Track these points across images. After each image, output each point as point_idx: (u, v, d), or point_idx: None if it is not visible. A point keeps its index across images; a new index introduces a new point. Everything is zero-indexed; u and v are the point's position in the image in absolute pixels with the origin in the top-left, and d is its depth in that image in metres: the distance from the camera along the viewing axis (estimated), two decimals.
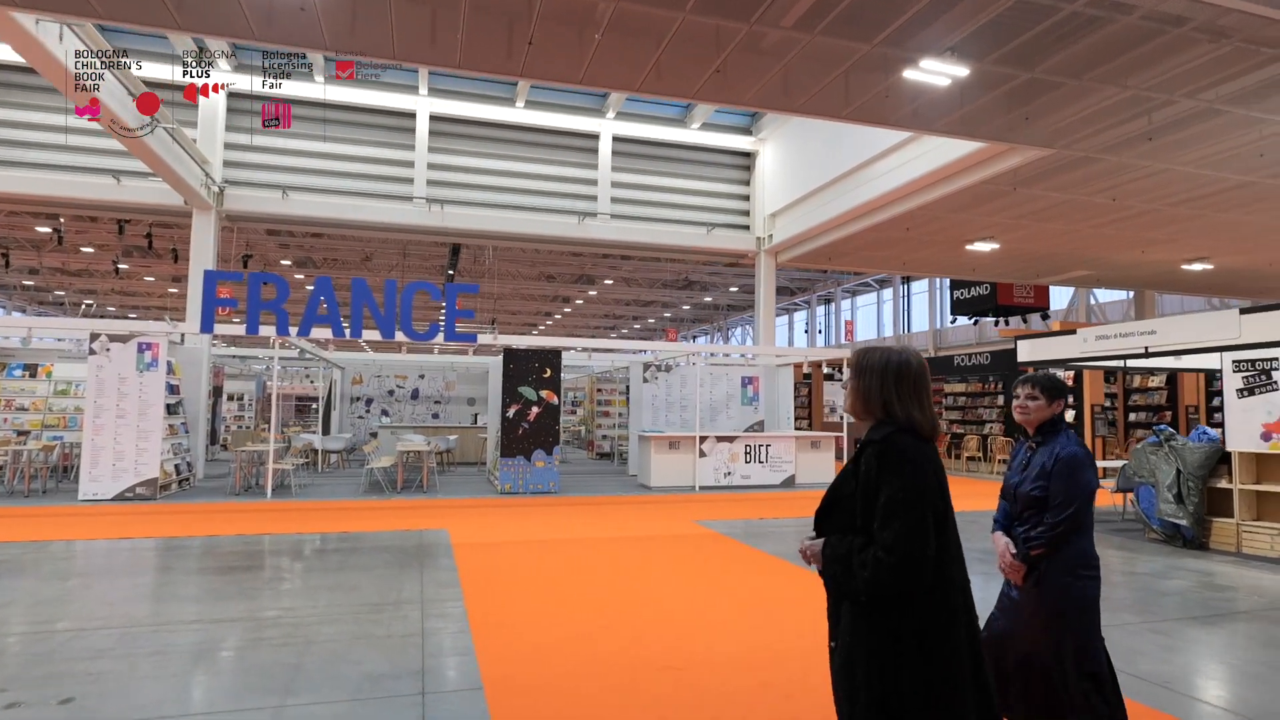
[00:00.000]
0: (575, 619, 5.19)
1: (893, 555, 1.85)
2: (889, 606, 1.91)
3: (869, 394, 2.10)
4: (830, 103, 9.27)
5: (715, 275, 40.39)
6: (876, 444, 2.00)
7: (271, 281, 12.08)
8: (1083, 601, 2.85)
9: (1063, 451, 2.91)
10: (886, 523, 1.89)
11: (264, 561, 7.00)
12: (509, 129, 16.87)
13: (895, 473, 1.93)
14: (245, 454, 12.31)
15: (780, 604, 5.72)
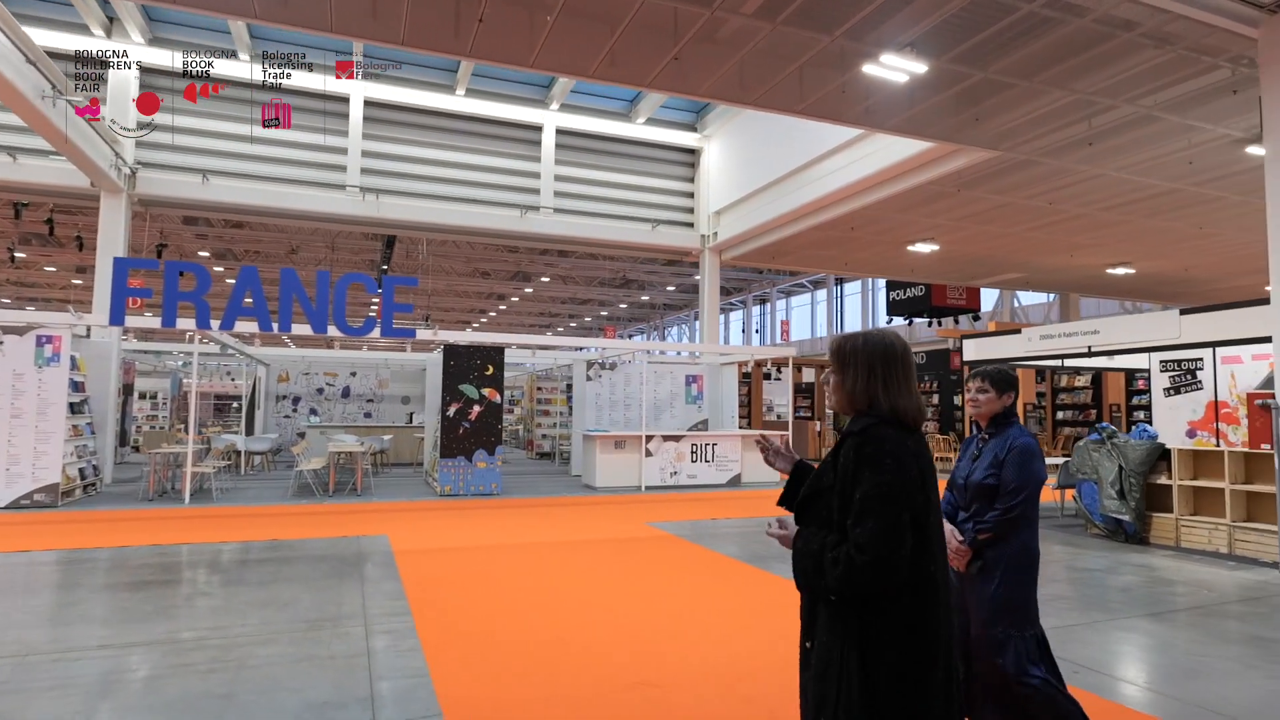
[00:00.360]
0: (535, 632, 4.85)
1: (865, 554, 1.77)
2: (867, 605, 1.83)
3: (854, 388, 1.98)
4: (786, 97, 9.14)
5: (653, 274, 40.30)
6: (856, 436, 1.90)
7: (190, 271, 11.26)
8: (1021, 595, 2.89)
9: (1016, 442, 2.96)
10: (860, 520, 1.80)
11: (183, 575, 6.40)
12: (448, 117, 16.27)
13: (873, 467, 1.83)
14: (160, 456, 11.44)
15: (748, 611, 5.50)
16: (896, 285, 25.41)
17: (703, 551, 7.71)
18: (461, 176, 16.38)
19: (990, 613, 2.87)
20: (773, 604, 5.66)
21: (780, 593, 6.00)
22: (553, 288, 42.34)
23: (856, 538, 1.79)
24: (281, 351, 19.68)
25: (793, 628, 2.06)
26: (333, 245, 29.37)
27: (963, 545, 2.95)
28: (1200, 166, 10.93)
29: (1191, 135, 9.99)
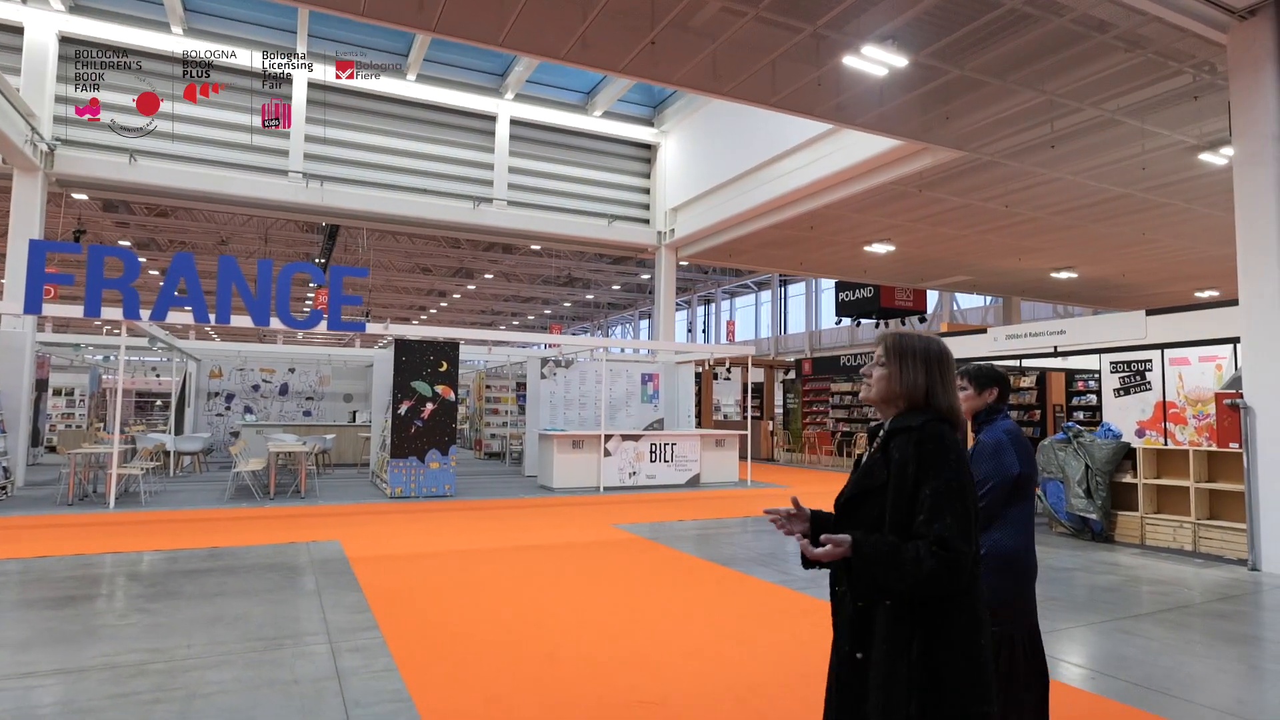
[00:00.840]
0: (519, 646, 4.47)
1: (949, 550, 1.72)
2: (929, 607, 1.78)
3: (912, 380, 1.94)
4: (759, 89, 8.95)
5: (598, 273, 39.97)
6: (914, 431, 1.84)
7: (117, 256, 10.42)
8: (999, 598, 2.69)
9: (985, 436, 2.87)
10: (936, 515, 1.75)
11: (114, 588, 5.78)
12: (399, 103, 15.60)
13: (939, 463, 1.79)
14: (81, 457, 10.55)
15: (736, 617, 5.23)
16: (846, 286, 25.66)
17: (675, 554, 7.43)
18: (411, 165, 15.73)
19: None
20: (768, 612, 5.41)
21: (762, 596, 5.76)
22: (496, 285, 41.57)
23: (937, 534, 1.73)
24: (215, 345, 18.60)
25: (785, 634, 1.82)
26: (266, 237, 28.13)
27: None
28: (1152, 172, 11.20)
29: (1147, 141, 10.20)
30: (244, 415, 18.32)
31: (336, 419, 19.16)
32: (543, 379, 15.56)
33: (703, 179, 16.66)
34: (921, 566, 1.71)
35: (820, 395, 24.02)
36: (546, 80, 16.67)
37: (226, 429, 18.26)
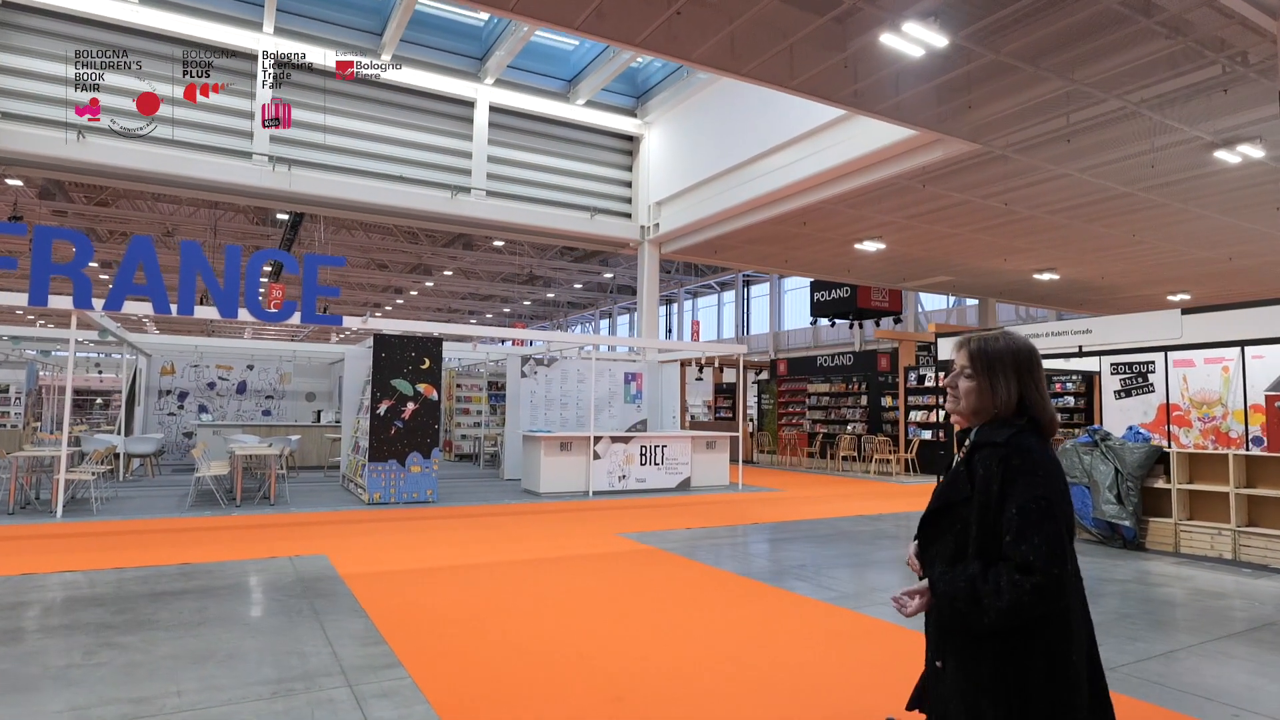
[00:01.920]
0: (574, 687, 3.84)
1: (1033, 575, 1.62)
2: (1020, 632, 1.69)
3: (1005, 393, 1.81)
4: (778, 71, 8.44)
5: (560, 270, 39.19)
6: (1000, 447, 1.74)
7: (67, 239, 9.42)
8: None
9: None
10: (1022, 537, 1.65)
11: (74, 616, 4.96)
12: (372, 85, 14.71)
13: (1027, 480, 1.69)
14: (22, 461, 9.51)
15: (803, 641, 4.67)
16: (822, 286, 25.43)
17: (701, 568, 6.85)
18: (385, 151, 14.86)
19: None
20: (812, 629, 4.87)
21: (811, 615, 5.22)
22: (454, 282, 40.49)
23: (1021, 556, 1.64)
24: (167, 340, 17.42)
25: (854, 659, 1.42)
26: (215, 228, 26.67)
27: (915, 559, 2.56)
28: (1160, 170, 11.03)
29: (1163, 136, 9.99)
30: (199, 415, 17.18)
31: (299, 419, 18.12)
32: (523, 378, 14.85)
33: (689, 173, 16.13)
34: (1001, 599, 1.64)
35: (796, 396, 23.73)
36: (528, 66, 15.96)
37: (179, 429, 17.11)
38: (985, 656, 1.72)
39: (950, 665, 1.79)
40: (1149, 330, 8.40)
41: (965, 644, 1.75)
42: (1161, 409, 11.54)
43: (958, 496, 1.80)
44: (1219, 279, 19.11)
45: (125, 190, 22.21)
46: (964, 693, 1.75)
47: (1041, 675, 1.68)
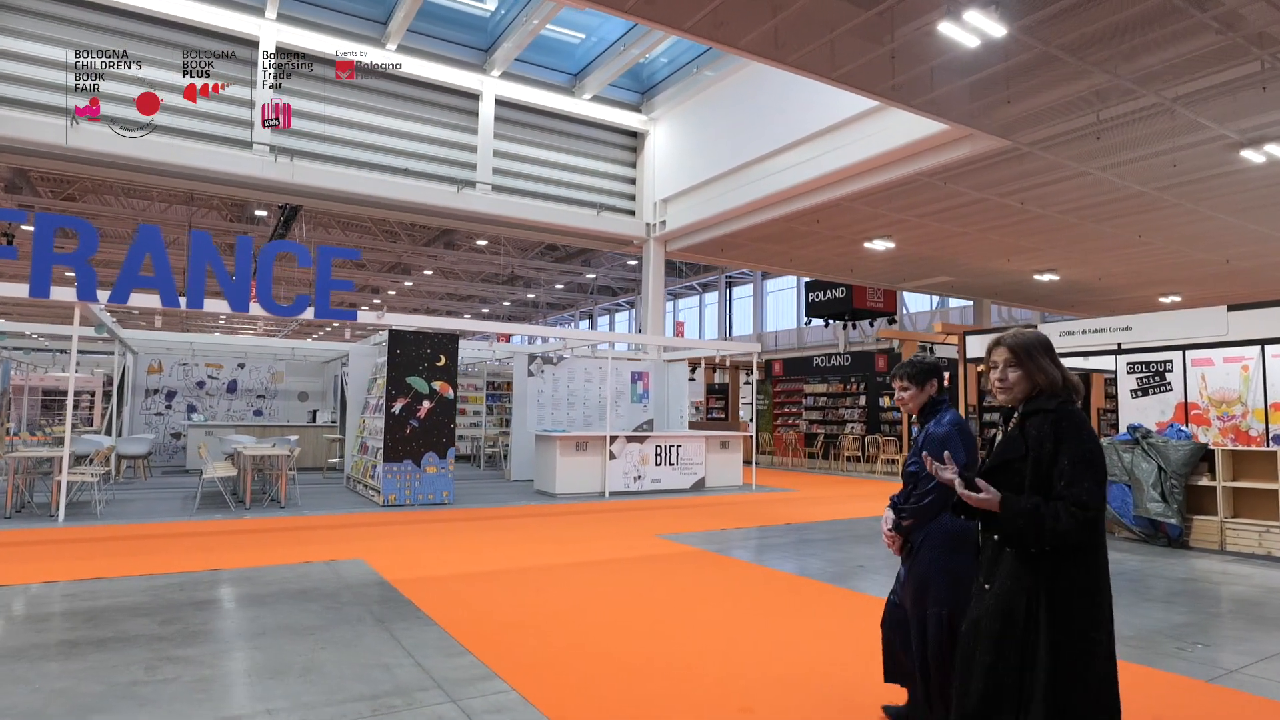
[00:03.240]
0: (691, 697, 3.59)
1: (1086, 510, 2.05)
2: (1061, 555, 2.10)
3: (1045, 370, 2.23)
4: (821, 61, 8.26)
5: (541, 271, 38.82)
6: (1051, 413, 2.17)
7: (71, 227, 8.94)
8: (951, 575, 2.89)
9: (933, 428, 3.02)
10: (1075, 481, 2.07)
11: (121, 628, 4.59)
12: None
13: (1075, 438, 2.12)
14: (20, 461, 9.00)
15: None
16: (817, 287, 25.38)
17: (765, 571, 6.63)
18: (390, 144, 14.46)
19: (918, 590, 2.99)
20: None
21: None
22: (432, 282, 39.92)
23: (1075, 496, 2.05)
24: (157, 336, 16.83)
25: None
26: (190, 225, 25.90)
27: (891, 533, 3.10)
28: (1181, 169, 11.06)
29: (1191, 135, 10.01)
30: (189, 415, 16.58)
31: (291, 419, 17.58)
32: (530, 377, 14.54)
33: (696, 170, 15.94)
34: (1059, 524, 2.05)
35: (793, 396, 23.62)
36: (534, 59, 15.65)
37: (167, 430, 16.51)
38: (1039, 571, 2.13)
39: (999, 582, 2.19)
40: (1191, 328, 8.36)
41: (1021, 561, 2.15)
42: (1179, 407, 11.54)
43: (1014, 454, 2.21)
44: (1213, 281, 19.38)
45: (94, 185, 21.43)
46: (1005, 595, 2.16)
47: (1079, 589, 2.11)
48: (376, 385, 12.54)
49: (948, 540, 2.92)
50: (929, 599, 2.94)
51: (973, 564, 2.71)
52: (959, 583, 2.79)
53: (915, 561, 3.02)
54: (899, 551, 3.11)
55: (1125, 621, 5.02)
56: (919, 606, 2.98)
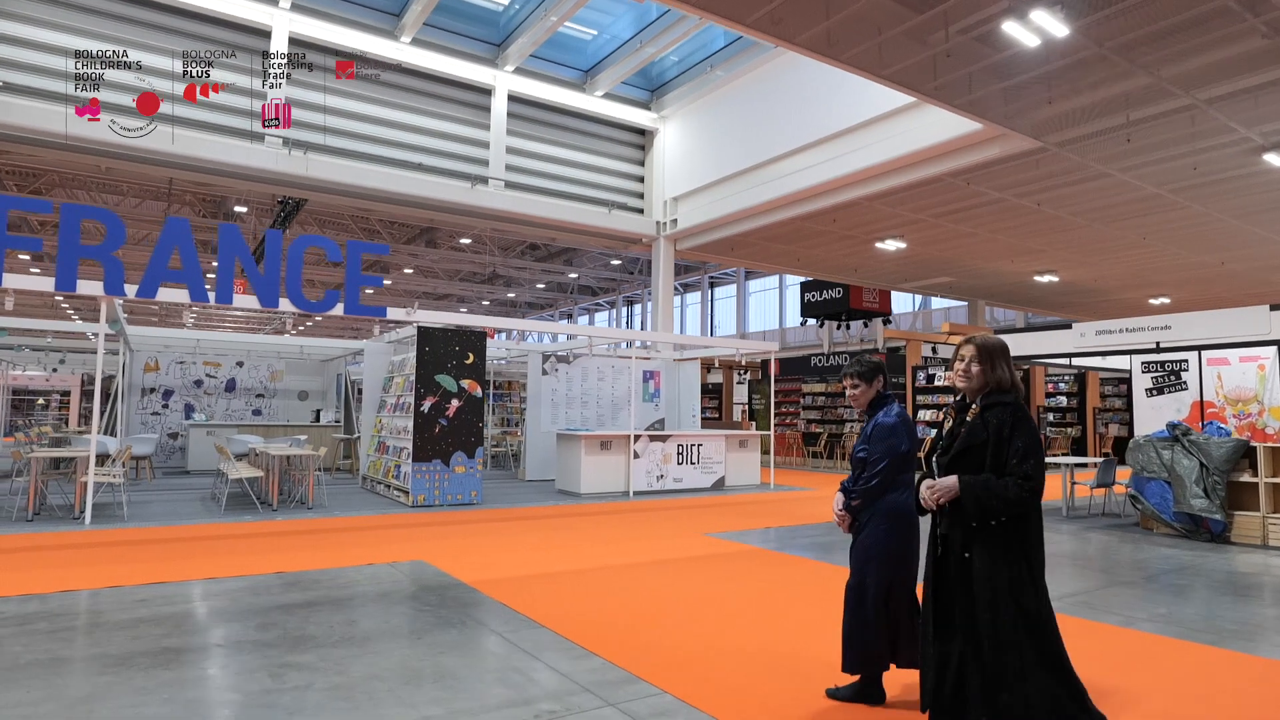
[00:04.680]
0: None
1: (1030, 482, 2.65)
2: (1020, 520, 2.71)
3: (999, 371, 2.82)
4: (871, 60, 8.27)
5: (522, 270, 38.56)
6: (1009, 406, 2.77)
7: (96, 218, 8.62)
8: (891, 547, 3.35)
9: (881, 419, 3.43)
10: (1024, 459, 2.68)
11: (219, 634, 4.39)
12: (390, 69, 14.04)
13: (1026, 426, 2.74)
14: (40, 461, 8.64)
15: None
16: (813, 287, 25.51)
17: (837, 570, 6.58)
18: (402, 139, 14.19)
19: (861, 559, 3.39)
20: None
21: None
22: (411, 281, 39.44)
23: (1023, 471, 2.65)
24: (157, 333, 16.35)
25: None
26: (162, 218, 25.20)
27: (842, 512, 3.49)
28: (1202, 171, 11.26)
29: (1217, 137, 10.18)
30: (189, 415, 16.13)
31: (291, 418, 17.20)
32: (544, 375, 14.39)
33: (708, 169, 15.89)
34: (1008, 492, 2.63)
35: (790, 396, 23.73)
36: (546, 55, 15.49)
37: (164, 429, 16.04)
38: (1003, 535, 2.70)
39: (977, 550, 2.73)
40: (1234, 326, 8.50)
41: (988, 532, 2.71)
42: (1195, 406, 11.78)
43: (977, 440, 2.77)
44: (1203, 283, 19.81)
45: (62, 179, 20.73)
46: (988, 561, 2.70)
47: (1032, 545, 2.73)
48: (395, 384, 12.30)
49: (889, 518, 3.34)
50: (870, 569, 3.34)
51: (911, 539, 3.38)
52: (898, 557, 3.34)
53: (862, 535, 3.41)
54: (848, 529, 3.50)
55: (1224, 615, 5.07)
56: (860, 574, 3.38)
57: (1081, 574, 6.52)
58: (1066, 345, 9.76)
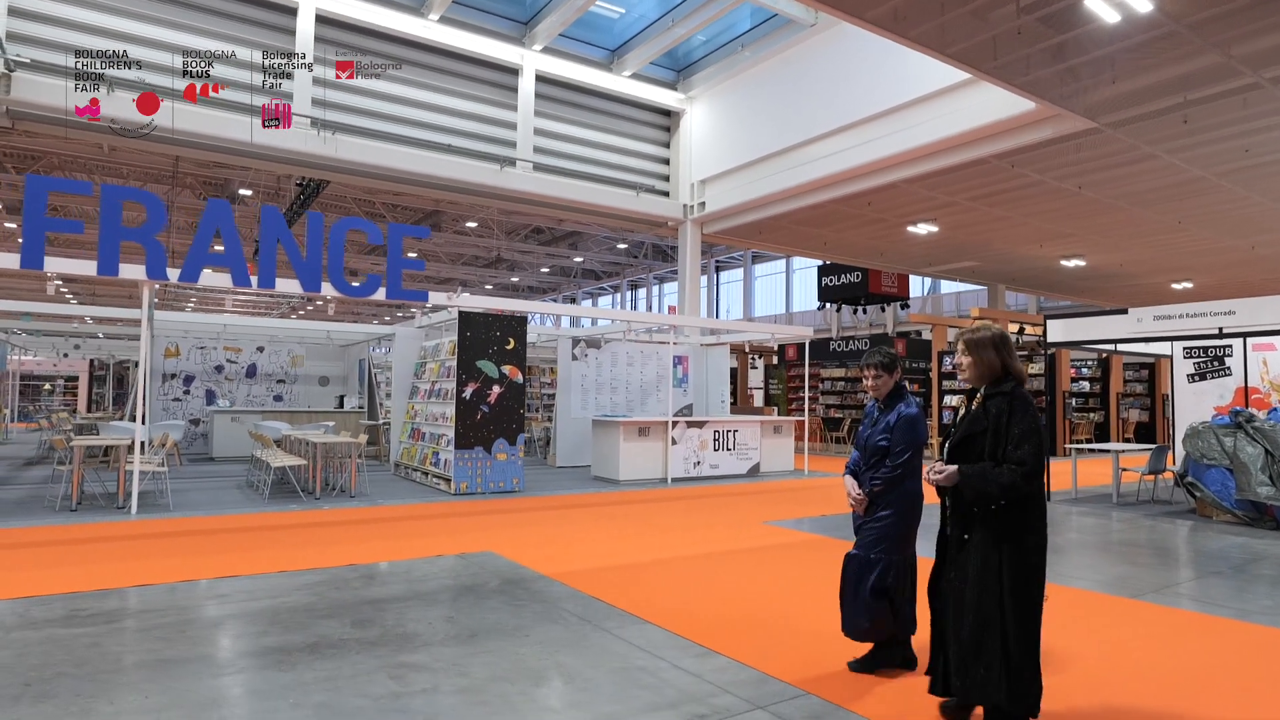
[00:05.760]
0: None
1: (1026, 466, 2.78)
2: (1016, 505, 2.84)
3: (990, 362, 2.99)
4: (936, 38, 8.05)
5: (526, 254, 38.26)
6: (1006, 395, 2.92)
7: (137, 200, 8.38)
8: (901, 530, 3.62)
9: (905, 411, 3.64)
10: (1020, 445, 2.81)
11: (315, 632, 4.24)
12: (416, 48, 13.74)
13: (1024, 413, 2.86)
14: (83, 450, 8.46)
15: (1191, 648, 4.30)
16: (831, 271, 25.30)
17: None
18: (429, 119, 13.91)
19: (875, 539, 3.64)
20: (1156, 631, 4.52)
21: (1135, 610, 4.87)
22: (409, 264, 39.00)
23: (1020, 457, 2.80)
24: (178, 318, 16.11)
25: None
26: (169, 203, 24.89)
27: (862, 495, 3.70)
28: (1254, 154, 11.09)
29: (1273, 118, 9.98)
30: (212, 400, 15.93)
31: (311, 404, 17.02)
32: (574, 360, 14.21)
33: (738, 151, 15.64)
34: (1003, 478, 2.78)
35: (813, 381, 23.59)
36: (573, 34, 15.18)
37: (185, 416, 15.85)
38: (1000, 520, 2.85)
39: (975, 532, 2.91)
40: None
41: (986, 515, 2.88)
42: (1239, 392, 11.64)
43: (978, 429, 2.93)
44: (1230, 268, 19.67)
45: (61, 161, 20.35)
46: (984, 544, 2.88)
47: (1030, 529, 2.85)
48: (429, 369, 12.12)
49: (902, 502, 3.60)
50: (880, 547, 3.61)
51: (916, 523, 3.65)
52: (904, 539, 3.63)
53: (876, 516, 3.66)
54: (865, 513, 3.71)
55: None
56: (867, 551, 3.65)
57: (1166, 565, 6.39)
58: (1122, 330, 9.59)
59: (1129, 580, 5.75)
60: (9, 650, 3.82)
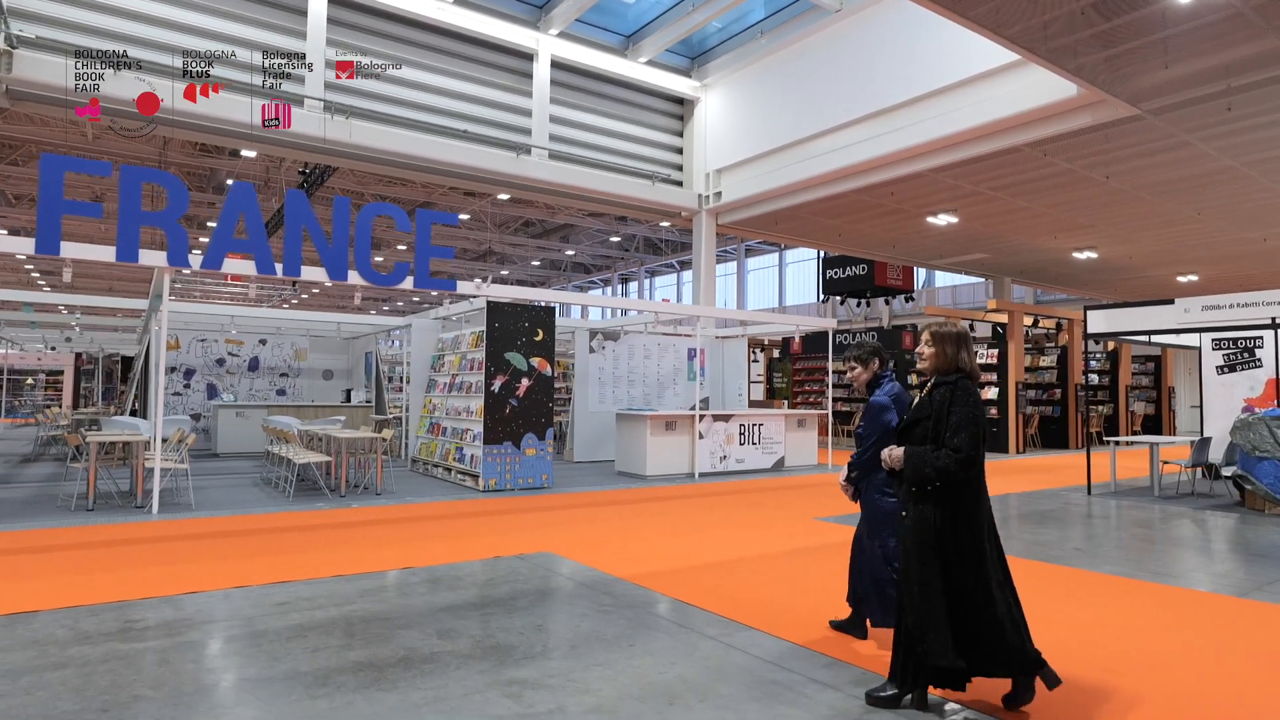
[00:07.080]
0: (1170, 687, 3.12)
1: (961, 452, 2.97)
2: (952, 487, 3.03)
3: (948, 355, 3.17)
4: (992, 18, 7.79)
5: (518, 247, 37.84)
6: (950, 384, 3.11)
7: (157, 182, 7.95)
8: (886, 513, 3.73)
9: (873, 400, 3.79)
10: (957, 432, 3.00)
11: (408, 643, 3.90)
12: (431, 31, 13.30)
13: (963, 403, 3.05)
14: (100, 447, 8.02)
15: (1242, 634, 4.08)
16: (836, 264, 25.09)
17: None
18: (444, 105, 13.48)
19: (873, 524, 3.82)
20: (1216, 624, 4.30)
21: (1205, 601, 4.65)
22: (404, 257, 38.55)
23: (956, 444, 2.99)
24: (182, 308, 15.57)
25: None
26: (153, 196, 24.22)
27: (845, 484, 3.96)
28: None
29: None
30: (213, 395, 15.43)
31: (314, 398, 16.56)
32: (591, 353, 13.88)
33: (756, 141, 15.32)
34: (938, 462, 3.01)
35: (814, 374, 23.39)
36: (588, 19, 14.79)
37: (186, 409, 15.34)
38: (930, 502, 3.06)
39: (910, 512, 3.12)
40: None
41: (920, 496, 3.08)
42: (1270, 384, 11.53)
43: (924, 415, 3.13)
44: (1238, 260, 19.65)
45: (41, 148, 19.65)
46: (916, 525, 3.08)
47: (960, 517, 3.04)
48: (449, 362, 11.74)
49: (882, 487, 3.76)
50: (878, 532, 3.79)
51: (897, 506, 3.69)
52: (891, 518, 3.66)
53: (864, 504, 3.90)
54: (852, 499, 3.95)
55: None
56: (873, 539, 3.83)
57: (1247, 563, 6.19)
58: (1168, 321, 9.42)
59: (1184, 573, 5.54)
60: (70, 669, 3.47)
